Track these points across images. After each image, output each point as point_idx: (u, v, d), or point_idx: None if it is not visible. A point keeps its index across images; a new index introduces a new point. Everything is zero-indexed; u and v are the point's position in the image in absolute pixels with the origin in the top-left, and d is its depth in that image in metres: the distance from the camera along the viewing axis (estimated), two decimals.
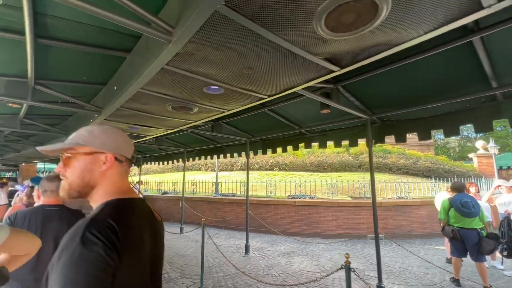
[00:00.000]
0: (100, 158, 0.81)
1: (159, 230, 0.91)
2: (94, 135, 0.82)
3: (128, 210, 0.78)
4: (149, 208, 0.89)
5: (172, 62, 1.76)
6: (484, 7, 1.20)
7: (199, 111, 3.02)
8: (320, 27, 1.31)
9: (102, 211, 0.72)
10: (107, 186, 0.81)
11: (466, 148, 26.82)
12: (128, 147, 0.88)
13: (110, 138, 0.84)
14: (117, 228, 0.67)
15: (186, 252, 5.49)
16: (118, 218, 0.71)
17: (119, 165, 0.84)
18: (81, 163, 0.79)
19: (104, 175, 0.81)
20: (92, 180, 0.79)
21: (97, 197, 0.81)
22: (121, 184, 0.84)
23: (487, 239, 3.59)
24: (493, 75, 2.38)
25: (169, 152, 8.52)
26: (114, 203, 0.77)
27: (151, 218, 0.87)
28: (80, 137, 0.81)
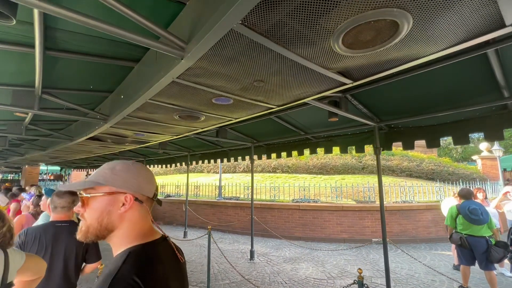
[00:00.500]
0: (120, 199, 0.76)
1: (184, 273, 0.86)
2: (116, 173, 0.78)
3: (153, 260, 0.73)
4: (172, 249, 0.84)
5: (183, 76, 1.73)
6: (507, 25, 1.17)
7: (206, 119, 3.00)
8: (337, 45, 1.28)
9: (125, 264, 0.67)
10: (127, 230, 0.76)
11: (469, 150, 26.67)
12: (150, 186, 0.83)
13: (131, 177, 0.79)
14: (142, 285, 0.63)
15: (191, 258, 5.47)
16: (143, 274, 0.66)
17: (139, 206, 0.79)
18: (99, 204, 0.75)
19: (123, 217, 0.76)
20: (110, 223, 0.75)
21: (117, 240, 0.76)
22: (142, 225, 0.79)
23: (496, 247, 3.54)
24: (505, 84, 2.34)
25: (172, 156, 8.51)
26: (137, 253, 0.72)
27: (174, 261, 0.82)
28: (101, 175, 0.77)
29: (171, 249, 0.83)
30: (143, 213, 0.80)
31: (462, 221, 3.77)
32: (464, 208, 3.72)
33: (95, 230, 0.74)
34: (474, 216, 3.60)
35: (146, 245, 0.76)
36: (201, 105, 2.43)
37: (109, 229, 0.75)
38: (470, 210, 3.66)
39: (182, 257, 0.86)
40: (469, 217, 3.63)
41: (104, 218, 0.74)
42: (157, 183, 0.88)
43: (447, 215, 4.02)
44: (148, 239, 0.78)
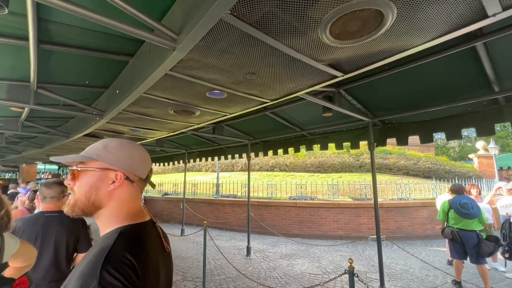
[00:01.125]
0: (110, 176, 0.75)
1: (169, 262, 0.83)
2: (109, 149, 0.77)
3: (144, 241, 0.72)
4: (159, 234, 0.82)
5: (175, 68, 1.76)
6: (489, 16, 1.20)
7: (201, 114, 3.02)
8: (325, 35, 1.31)
9: (117, 242, 0.65)
10: (115, 208, 0.75)
11: (466, 148, 26.82)
12: (143, 166, 0.81)
13: (124, 155, 0.78)
14: (136, 265, 0.62)
15: (187, 254, 5.49)
16: (136, 252, 0.65)
17: (129, 185, 0.77)
18: (89, 178, 0.74)
19: (112, 195, 0.75)
20: (98, 199, 0.73)
21: (105, 218, 0.75)
22: (131, 206, 0.77)
23: (487, 241, 3.59)
24: (495, 79, 2.38)
25: (170, 154, 8.52)
26: (128, 232, 0.71)
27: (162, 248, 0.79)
28: (94, 150, 0.77)
29: (158, 235, 0.81)
30: (133, 193, 0.78)
31: (453, 216, 3.83)
32: (456, 203, 3.79)
33: (82, 205, 0.73)
34: (465, 210, 3.66)
35: (137, 226, 0.74)
36: (196, 99, 2.45)
37: (96, 206, 0.74)
38: (461, 204, 3.72)
39: (168, 246, 0.83)
40: (460, 211, 3.69)
41: (92, 194, 0.73)
42: (151, 165, 0.87)
43: (439, 210, 4.08)
44: (138, 221, 0.76)
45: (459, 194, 3.94)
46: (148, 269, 0.66)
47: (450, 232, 3.82)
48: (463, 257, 3.79)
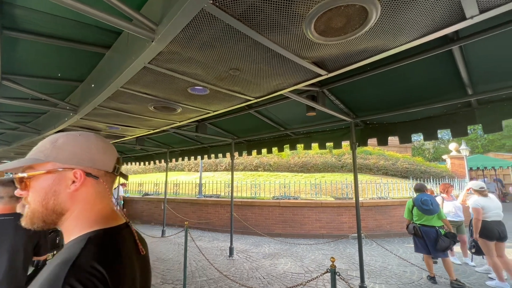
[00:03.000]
0: (67, 176, 0.65)
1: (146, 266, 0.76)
2: (59, 146, 0.66)
3: (117, 247, 0.63)
4: (133, 238, 0.73)
5: (155, 61, 1.67)
6: (467, 18, 1.24)
7: (182, 111, 2.93)
8: (309, 31, 1.29)
9: (84, 251, 0.56)
10: (82, 211, 0.66)
11: (440, 150, 28.30)
12: (106, 157, 0.71)
13: (80, 148, 0.67)
14: (107, 277, 0.54)
15: (168, 256, 5.33)
16: (106, 261, 0.57)
17: (94, 182, 0.68)
18: (42, 184, 0.63)
19: (75, 197, 0.65)
20: (58, 205, 0.64)
21: (70, 224, 0.65)
22: (100, 207, 0.69)
23: (444, 237, 3.86)
24: (469, 82, 2.49)
25: (151, 152, 8.26)
26: (99, 238, 0.62)
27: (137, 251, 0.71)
28: (41, 150, 0.65)
29: (133, 238, 0.73)
30: (101, 191, 0.69)
31: (416, 213, 4.13)
32: (418, 200, 4.09)
33: (41, 215, 0.63)
34: (425, 206, 3.96)
35: (109, 230, 0.66)
36: (177, 95, 2.36)
37: (58, 212, 0.64)
38: (422, 201, 4.02)
39: (143, 249, 0.75)
40: (421, 208, 3.99)
41: (49, 200, 0.63)
42: (117, 155, 0.77)
43: (405, 209, 4.32)
44: (110, 224, 0.67)
45: (420, 192, 4.25)
46: (122, 280, 0.58)
47: (412, 228, 4.12)
48: (428, 251, 4.02)
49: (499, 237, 3.87)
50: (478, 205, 4.01)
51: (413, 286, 3.94)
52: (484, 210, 3.97)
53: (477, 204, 4.02)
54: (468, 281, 4.13)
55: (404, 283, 4.05)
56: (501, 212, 3.99)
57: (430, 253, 4.01)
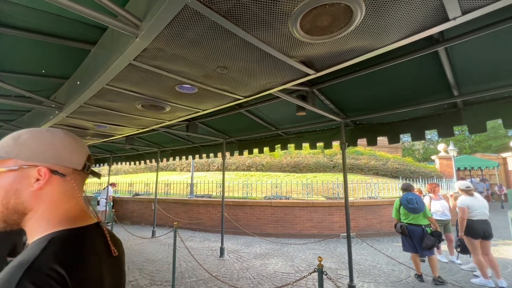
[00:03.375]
0: (31, 174, 0.61)
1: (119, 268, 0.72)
2: (22, 142, 0.62)
3: (82, 248, 0.60)
4: (104, 238, 0.69)
5: (140, 58, 1.64)
6: (450, 19, 1.25)
7: (171, 110, 2.89)
8: (295, 29, 1.28)
9: (45, 252, 0.53)
10: (46, 211, 0.62)
11: (429, 150, 28.90)
12: (75, 155, 0.67)
13: (45, 145, 0.64)
14: (68, 279, 0.51)
15: (157, 257, 5.26)
16: (69, 263, 0.54)
17: (61, 181, 0.64)
18: (2, 182, 0.60)
19: (39, 196, 0.62)
20: (20, 204, 0.60)
21: (34, 225, 0.61)
22: (67, 206, 0.65)
23: (430, 235, 3.96)
24: (455, 84, 2.53)
25: (141, 152, 8.15)
26: (62, 238, 0.58)
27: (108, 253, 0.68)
28: (3, 146, 0.62)
29: (104, 239, 0.69)
30: (68, 189, 0.65)
31: (403, 212, 4.23)
32: (403, 199, 4.21)
33: (2, 215, 0.60)
34: (410, 205, 4.07)
35: (74, 231, 0.62)
36: (165, 93, 2.33)
37: (20, 212, 0.61)
38: (408, 200, 4.13)
39: (115, 250, 0.70)
40: (407, 206, 4.10)
41: (10, 199, 0.60)
42: (88, 152, 0.73)
43: (393, 208, 4.40)
44: (77, 224, 0.64)
45: (407, 191, 4.35)
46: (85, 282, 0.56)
47: (400, 227, 4.21)
48: (415, 250, 4.11)
49: (484, 235, 3.96)
50: (464, 204, 4.10)
51: (401, 285, 4.00)
52: (469, 209, 4.06)
53: (463, 203, 4.11)
54: (454, 279, 4.21)
55: (393, 282, 4.10)
56: (487, 212, 4.09)
57: (418, 252, 4.09)
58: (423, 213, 4.07)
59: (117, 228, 8.05)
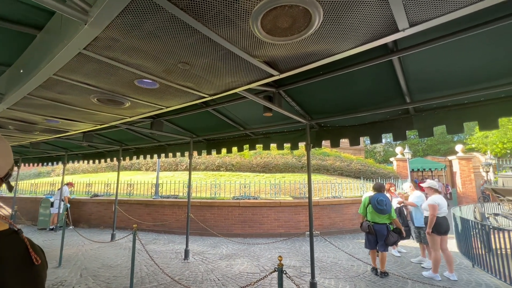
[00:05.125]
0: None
1: (37, 278, 0.66)
2: None
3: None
4: (24, 246, 0.65)
5: (91, 47, 1.51)
6: (400, 30, 1.34)
7: (132, 106, 2.73)
8: (257, 28, 1.28)
9: None
10: None
11: (388, 153, 31.18)
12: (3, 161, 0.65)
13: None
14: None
15: (116, 262, 4.93)
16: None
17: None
18: None
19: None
20: None
21: None
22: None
23: (393, 232, 4.28)
24: (407, 91, 2.74)
25: (101, 150, 7.60)
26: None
27: (24, 261, 0.63)
28: None
29: (23, 246, 0.65)
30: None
31: (370, 210, 4.42)
32: (374, 199, 4.38)
33: None
34: (380, 206, 4.28)
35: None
36: (123, 88, 2.18)
37: None
38: (378, 201, 4.32)
39: (38, 258, 0.65)
40: (376, 207, 4.30)
41: None
42: (12, 160, 0.68)
43: (361, 204, 4.61)
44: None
45: (379, 192, 4.50)
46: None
47: (367, 226, 4.40)
48: (374, 247, 4.40)
49: (446, 231, 4.29)
50: (435, 202, 4.33)
51: (359, 279, 4.23)
52: (438, 207, 4.33)
53: (434, 201, 4.35)
54: (405, 272, 4.58)
55: (351, 277, 4.33)
56: (447, 209, 4.46)
57: (375, 248, 4.37)
58: (388, 214, 4.29)
59: (70, 232, 7.40)
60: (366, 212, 4.49)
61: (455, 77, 2.48)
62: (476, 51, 2.14)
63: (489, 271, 4.39)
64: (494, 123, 2.70)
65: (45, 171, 18.41)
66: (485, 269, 4.49)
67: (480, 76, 2.41)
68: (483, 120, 2.75)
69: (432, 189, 4.54)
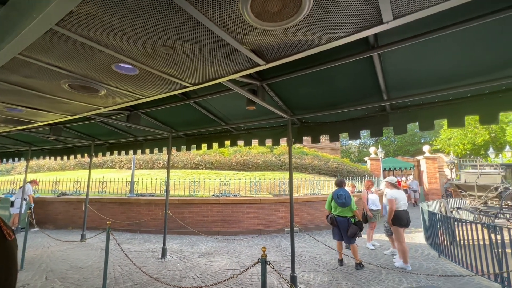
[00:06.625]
0: None
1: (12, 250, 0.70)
2: None
3: None
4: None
5: (65, 23, 1.39)
6: (384, 22, 1.39)
7: (108, 94, 2.57)
8: (246, 11, 1.25)
9: None
10: None
11: (362, 153, 32.57)
12: None
13: None
14: None
15: (86, 263, 4.63)
16: None
17: None
18: None
19: None
20: None
21: None
22: None
23: (354, 225, 4.51)
24: (385, 89, 2.86)
25: (71, 145, 7.12)
26: None
27: None
28: None
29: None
30: None
31: (333, 204, 4.72)
32: (335, 194, 4.69)
33: None
34: (340, 200, 4.58)
35: None
36: (99, 73, 2.04)
37: None
38: (338, 195, 4.63)
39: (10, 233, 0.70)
40: (337, 201, 4.60)
41: None
42: None
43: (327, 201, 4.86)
44: None
45: (340, 187, 4.80)
46: None
47: (330, 218, 4.72)
48: (340, 238, 4.68)
49: (406, 223, 4.61)
50: (392, 196, 4.68)
51: (337, 271, 4.36)
52: (396, 200, 4.65)
53: (392, 195, 4.69)
54: (379, 263, 4.79)
55: (329, 269, 4.45)
56: (407, 202, 4.79)
57: (341, 240, 4.64)
58: (349, 207, 4.56)
59: (34, 234, 6.86)
60: (331, 207, 4.76)
61: (427, 76, 2.62)
62: (446, 53, 2.28)
63: (453, 260, 4.73)
64: (461, 121, 2.91)
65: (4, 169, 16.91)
66: (450, 258, 4.83)
67: (450, 76, 2.58)
68: (451, 117, 2.94)
69: (391, 184, 4.94)
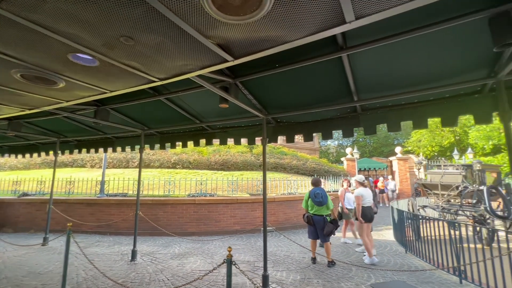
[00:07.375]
0: None
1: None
2: None
3: None
4: None
5: (8, 5, 1.27)
6: (346, 22, 1.40)
7: (67, 87, 2.40)
8: (207, 2, 1.20)
9: None
10: None
11: (340, 154, 33.57)
12: None
13: None
14: None
15: (47, 269, 4.31)
16: None
17: None
18: None
19: None
20: None
21: None
22: None
23: (329, 223, 4.64)
24: (355, 90, 2.94)
25: (33, 142, 6.63)
26: None
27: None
28: None
29: None
30: None
31: (310, 203, 4.79)
32: (312, 193, 4.77)
33: None
34: (317, 199, 4.67)
35: None
36: (54, 63, 1.90)
37: None
38: (315, 194, 4.72)
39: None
40: (314, 200, 4.69)
41: None
42: None
43: (303, 200, 4.94)
44: None
45: (316, 186, 4.91)
46: None
47: (306, 217, 4.78)
48: (315, 237, 4.76)
49: (370, 219, 4.83)
50: (359, 194, 4.89)
51: (309, 269, 4.42)
52: (362, 197, 4.87)
53: (359, 193, 4.91)
54: (349, 260, 4.93)
55: (302, 268, 4.50)
56: (372, 200, 5.00)
57: (316, 238, 4.73)
58: (325, 205, 4.66)
59: None
60: (308, 206, 4.83)
61: (394, 79, 2.72)
62: (411, 56, 2.37)
63: (418, 255, 4.99)
64: (425, 123, 3.06)
65: None
66: (415, 254, 5.09)
67: (414, 80, 2.69)
68: (416, 119, 3.08)
69: (358, 183, 5.17)
